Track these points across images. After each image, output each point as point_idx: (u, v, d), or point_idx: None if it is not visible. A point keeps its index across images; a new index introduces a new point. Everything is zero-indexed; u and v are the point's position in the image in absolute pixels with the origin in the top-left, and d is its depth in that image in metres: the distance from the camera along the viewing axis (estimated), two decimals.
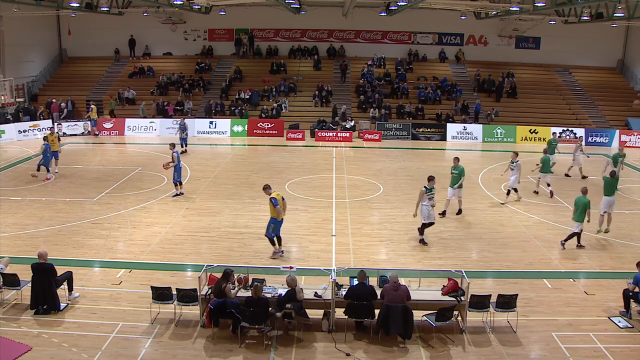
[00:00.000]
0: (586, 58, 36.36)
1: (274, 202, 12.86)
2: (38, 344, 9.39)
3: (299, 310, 9.69)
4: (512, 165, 18.00)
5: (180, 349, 9.48)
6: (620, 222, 16.44)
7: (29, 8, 27.36)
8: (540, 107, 32.78)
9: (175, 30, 36.42)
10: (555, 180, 20.31)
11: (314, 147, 27.39)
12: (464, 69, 36.25)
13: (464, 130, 30.00)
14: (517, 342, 9.81)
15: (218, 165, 22.88)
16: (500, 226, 16.02)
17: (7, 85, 29.21)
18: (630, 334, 10.09)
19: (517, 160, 17.80)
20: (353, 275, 10.27)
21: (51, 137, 20.51)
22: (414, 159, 25.27)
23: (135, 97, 32.42)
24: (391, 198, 18.48)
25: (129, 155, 25.19)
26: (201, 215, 16.40)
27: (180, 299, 10.18)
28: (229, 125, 29.94)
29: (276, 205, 12.84)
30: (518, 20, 32.92)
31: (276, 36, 37.06)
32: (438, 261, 13.35)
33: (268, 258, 13.24)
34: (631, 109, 32.68)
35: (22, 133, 27.96)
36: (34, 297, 10.48)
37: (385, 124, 30.16)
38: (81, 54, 36.64)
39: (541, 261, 13.45)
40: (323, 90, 32.99)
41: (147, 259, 13.13)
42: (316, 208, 17.26)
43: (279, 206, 12.87)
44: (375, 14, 34.45)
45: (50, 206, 16.98)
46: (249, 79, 34.77)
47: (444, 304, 9.89)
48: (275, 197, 12.91)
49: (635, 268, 10.82)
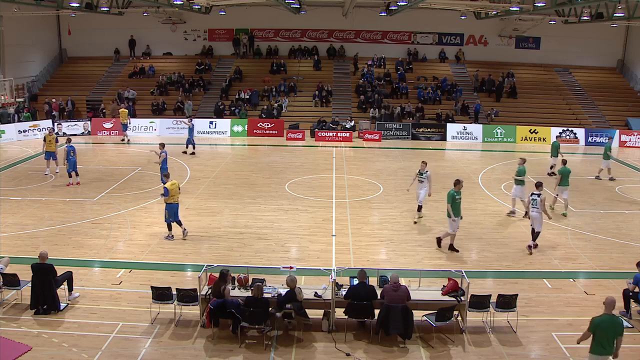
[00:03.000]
0: (586, 58, 36.36)
1: (164, 192, 13.98)
2: (38, 344, 9.39)
3: (299, 310, 9.69)
4: (422, 177, 15.94)
5: (180, 349, 9.48)
6: (620, 222, 16.47)
7: (29, 8, 27.34)
8: (540, 107, 32.78)
9: (175, 30, 36.42)
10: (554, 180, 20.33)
11: (314, 147, 27.40)
12: (464, 69, 36.25)
13: (464, 130, 30.00)
14: (517, 342, 9.82)
15: (218, 165, 22.89)
16: (500, 226, 16.03)
17: (7, 85, 29.20)
18: (630, 334, 10.08)
19: (426, 171, 15.85)
20: (353, 275, 10.27)
21: (49, 138, 20.39)
22: (414, 159, 25.25)
23: (135, 97, 32.41)
24: (391, 198, 18.48)
25: (129, 155, 25.18)
26: (201, 215, 16.41)
27: (180, 299, 10.17)
28: (229, 125, 29.95)
29: (165, 195, 13.94)
30: (518, 20, 32.93)
31: (276, 36, 37.06)
32: (438, 261, 13.36)
33: (268, 258, 13.27)
34: (631, 108, 32.70)
35: (22, 133, 27.98)
36: (34, 297, 10.48)
37: (385, 124, 30.16)
38: (81, 54, 36.64)
39: (541, 261, 13.45)
40: (323, 90, 32.99)
41: (147, 259, 13.13)
42: (316, 208, 17.26)
43: (167, 196, 13.90)
44: (375, 14, 34.45)
45: (50, 206, 16.98)
46: (249, 79, 34.78)
47: (444, 304, 9.89)
48: (167, 187, 13.94)
49: (635, 268, 10.83)
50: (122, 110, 28.23)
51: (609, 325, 8.10)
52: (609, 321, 8.11)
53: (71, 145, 19.32)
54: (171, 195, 13.95)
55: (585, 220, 16.55)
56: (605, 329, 8.09)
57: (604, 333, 8.09)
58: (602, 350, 8.13)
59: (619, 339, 8.17)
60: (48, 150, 20.26)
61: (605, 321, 8.10)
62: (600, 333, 8.09)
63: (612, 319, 8.15)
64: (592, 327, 8.13)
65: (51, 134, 20.78)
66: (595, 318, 8.18)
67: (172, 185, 14.08)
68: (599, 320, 8.11)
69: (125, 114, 27.74)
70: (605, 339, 8.11)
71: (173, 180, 14.51)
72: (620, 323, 8.22)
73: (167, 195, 13.88)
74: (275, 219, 16.11)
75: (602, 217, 16.98)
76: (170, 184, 14.12)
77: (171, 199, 13.98)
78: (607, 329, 8.10)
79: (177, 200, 14.28)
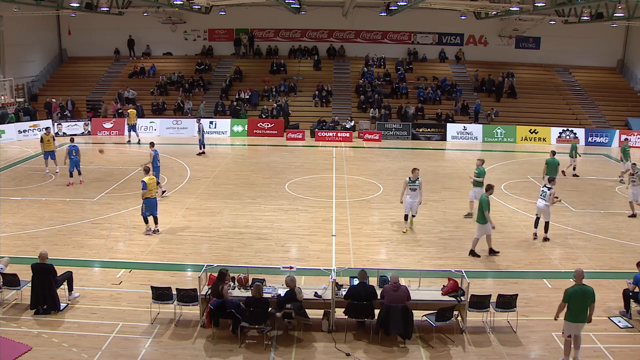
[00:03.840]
0: (586, 58, 36.35)
1: (142, 185, 14.19)
2: (38, 344, 9.39)
3: (299, 310, 9.69)
4: (414, 185, 14.87)
5: (180, 349, 9.48)
6: (620, 222, 16.47)
7: (29, 8, 27.35)
8: (540, 107, 32.77)
9: (175, 30, 36.41)
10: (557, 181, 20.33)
11: (314, 147, 27.40)
12: (464, 69, 36.24)
13: (464, 130, 30.00)
14: (517, 342, 9.82)
15: (218, 165, 22.89)
16: (500, 226, 15.99)
17: (7, 85, 29.20)
18: (630, 334, 10.10)
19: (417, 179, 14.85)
20: (353, 275, 10.27)
21: (47, 137, 20.41)
22: (414, 159, 25.26)
23: (135, 97, 32.41)
24: (391, 198, 18.46)
25: (129, 155, 25.19)
26: (201, 215, 16.40)
27: (180, 299, 10.17)
28: (229, 125, 29.95)
29: (143, 189, 14.16)
30: (518, 20, 32.92)
31: (276, 36, 37.05)
32: (438, 261, 13.36)
33: (268, 258, 13.27)
34: (631, 108, 32.70)
35: (22, 133, 27.98)
36: (34, 297, 10.48)
37: (385, 124, 30.16)
38: (81, 54, 36.64)
39: (541, 261, 13.45)
40: (323, 90, 32.99)
41: (147, 259, 13.13)
42: (316, 208, 17.26)
43: (145, 190, 14.13)
44: (375, 14, 34.46)
45: (50, 206, 16.98)
46: (249, 79, 34.77)
47: (444, 304, 9.88)
48: (144, 181, 14.18)
49: (635, 268, 10.83)
50: (131, 110, 28.10)
51: (581, 295, 8.82)
52: (580, 291, 8.83)
53: (74, 144, 19.39)
54: (149, 189, 14.27)
55: (585, 220, 16.54)
56: (578, 299, 8.82)
57: (577, 302, 8.83)
58: (576, 317, 8.90)
59: (591, 305, 8.90)
60: (46, 150, 20.35)
61: (577, 291, 8.83)
62: (574, 302, 8.84)
63: (583, 288, 8.87)
64: (565, 298, 8.89)
65: (48, 134, 20.79)
66: (568, 289, 8.93)
67: (149, 180, 14.38)
68: (572, 291, 8.86)
69: (134, 115, 27.68)
70: (578, 308, 8.85)
71: (151, 175, 14.88)
72: (591, 291, 8.90)
73: (145, 189, 14.19)
74: (275, 219, 16.11)
75: (602, 217, 16.99)
76: (148, 178, 14.43)
77: (148, 193, 14.31)
78: (579, 298, 8.82)
79: (154, 195, 14.60)
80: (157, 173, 17.88)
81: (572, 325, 8.93)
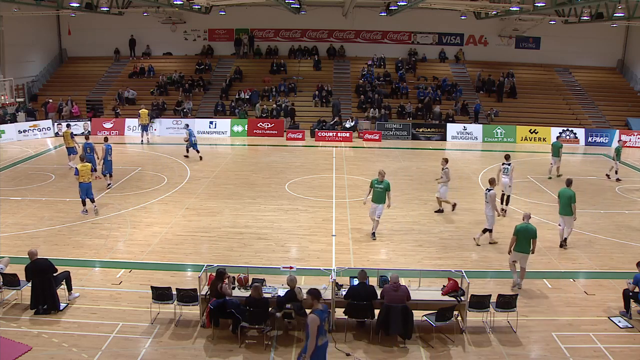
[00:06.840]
0: (586, 58, 36.35)
1: (75, 171, 16.01)
2: (38, 344, 9.39)
3: (299, 310, 9.68)
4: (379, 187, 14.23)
5: (180, 349, 9.48)
6: (620, 222, 16.46)
7: (29, 8, 27.33)
8: (540, 107, 32.76)
9: (175, 30, 36.40)
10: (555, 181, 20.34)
11: (314, 147, 27.39)
12: (464, 69, 36.23)
13: (464, 130, 30.00)
14: (517, 342, 9.81)
15: (218, 165, 22.88)
16: (500, 226, 15.96)
17: (7, 85, 29.19)
18: (630, 334, 10.09)
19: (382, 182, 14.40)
20: (353, 275, 10.26)
21: (65, 133, 21.41)
22: (414, 159, 25.27)
23: (135, 97, 32.40)
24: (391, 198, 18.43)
25: (129, 155, 25.18)
26: (201, 215, 16.40)
27: (180, 299, 10.17)
28: (229, 125, 29.95)
29: (75, 175, 15.96)
30: (518, 20, 32.92)
31: (276, 36, 37.04)
32: (438, 261, 13.35)
33: (268, 258, 13.27)
34: (631, 108, 32.70)
35: (22, 133, 27.98)
36: (34, 297, 10.47)
37: (385, 124, 30.16)
38: (81, 54, 36.63)
39: (541, 261, 13.44)
40: (323, 90, 32.98)
41: (147, 259, 13.13)
42: (316, 208, 17.26)
43: (77, 175, 15.84)
44: (375, 14, 34.45)
45: (50, 206, 16.98)
46: (249, 79, 34.76)
47: (444, 304, 9.88)
48: (77, 168, 15.97)
49: (635, 268, 10.82)
50: (143, 110, 27.76)
51: (525, 231, 11.50)
52: (525, 227, 11.53)
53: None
54: (81, 175, 15.79)
55: (585, 220, 16.53)
56: (523, 233, 11.49)
57: (522, 236, 11.50)
58: (521, 248, 11.54)
59: (533, 240, 11.52)
60: (67, 146, 21.31)
61: (523, 227, 11.54)
62: (520, 236, 11.51)
63: (527, 226, 11.54)
64: (515, 232, 11.58)
65: (68, 130, 21.71)
66: (517, 225, 11.64)
67: (82, 167, 15.96)
68: (520, 227, 11.58)
69: (145, 114, 27.47)
70: (524, 241, 11.52)
71: (85, 163, 16.29)
72: (534, 229, 11.54)
73: (78, 174, 15.81)
74: (275, 219, 16.11)
75: (602, 217, 16.98)
76: (82, 165, 16.03)
77: (81, 178, 15.82)
78: (524, 233, 11.49)
79: (87, 180, 15.95)
80: (108, 166, 18.81)
81: (519, 255, 11.57)
